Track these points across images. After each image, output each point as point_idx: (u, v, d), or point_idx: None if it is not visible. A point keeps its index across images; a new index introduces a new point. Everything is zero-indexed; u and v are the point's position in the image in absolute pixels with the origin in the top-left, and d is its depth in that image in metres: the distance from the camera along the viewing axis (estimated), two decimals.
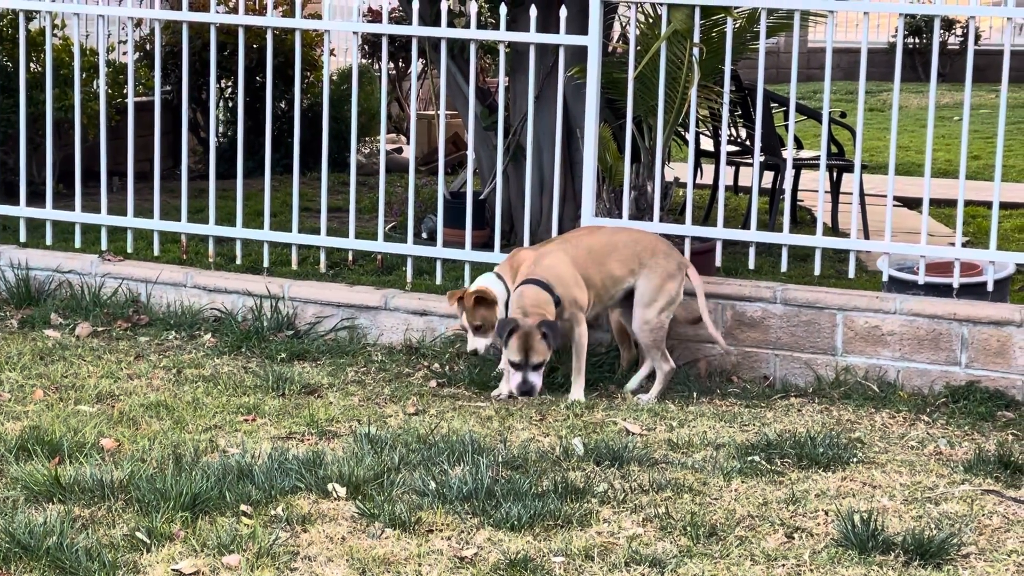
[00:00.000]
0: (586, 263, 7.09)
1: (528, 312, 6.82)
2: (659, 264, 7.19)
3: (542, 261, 6.99)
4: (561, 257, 7.03)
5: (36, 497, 5.51)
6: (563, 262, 7.01)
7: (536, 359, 6.82)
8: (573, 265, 7.02)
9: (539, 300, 6.86)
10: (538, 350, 6.81)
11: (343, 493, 5.62)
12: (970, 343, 7.29)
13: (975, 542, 5.38)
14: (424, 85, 15.60)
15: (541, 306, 6.84)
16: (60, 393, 6.95)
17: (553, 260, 7.01)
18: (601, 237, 7.29)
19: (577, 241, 7.23)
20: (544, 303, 6.86)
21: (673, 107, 8.06)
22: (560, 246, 7.17)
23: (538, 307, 6.84)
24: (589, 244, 7.19)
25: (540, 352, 6.81)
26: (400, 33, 8.65)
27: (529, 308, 6.83)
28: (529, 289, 6.89)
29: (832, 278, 8.62)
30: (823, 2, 7.88)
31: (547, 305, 6.86)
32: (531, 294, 6.88)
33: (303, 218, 8.87)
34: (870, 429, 6.80)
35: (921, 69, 22.33)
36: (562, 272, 6.98)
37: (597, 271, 7.10)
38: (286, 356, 7.70)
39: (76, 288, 8.56)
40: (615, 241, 7.24)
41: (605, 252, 7.16)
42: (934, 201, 9.03)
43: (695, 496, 5.77)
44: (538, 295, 6.87)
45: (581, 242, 7.21)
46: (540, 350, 6.81)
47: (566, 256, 7.05)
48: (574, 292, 6.98)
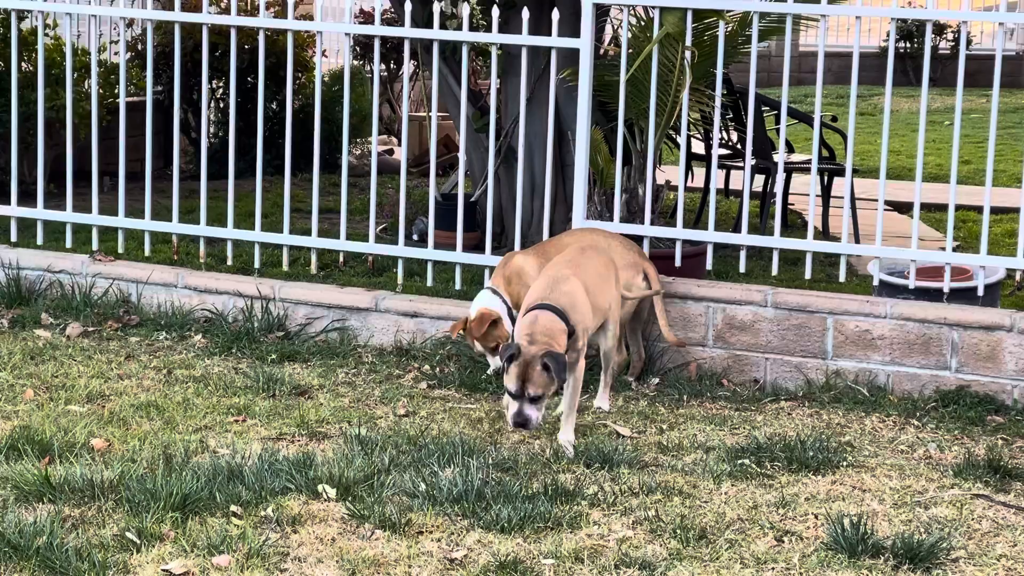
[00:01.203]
0: (594, 290, 6.68)
1: (535, 340, 6.18)
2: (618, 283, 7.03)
3: (560, 286, 6.45)
4: (577, 283, 6.50)
5: (26, 497, 5.51)
6: (579, 288, 6.50)
7: (533, 391, 6.12)
8: (587, 291, 6.56)
9: (552, 329, 6.24)
10: (536, 382, 6.11)
11: (333, 494, 5.62)
12: (960, 347, 7.30)
13: (964, 546, 5.39)
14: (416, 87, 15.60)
15: (552, 335, 6.22)
16: (50, 393, 6.94)
17: (571, 286, 6.46)
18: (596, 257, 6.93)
19: (584, 263, 6.79)
20: (557, 333, 6.24)
21: (665, 110, 8.07)
22: (573, 270, 6.65)
23: (548, 336, 6.21)
24: (597, 269, 6.79)
25: (539, 384, 6.12)
26: (392, 35, 8.65)
27: (538, 336, 6.20)
28: (544, 316, 6.28)
29: (823, 282, 8.64)
30: (815, 6, 7.90)
31: (559, 335, 6.24)
32: (545, 321, 6.26)
33: (294, 219, 8.86)
34: (860, 433, 6.81)
35: (912, 73, 22.35)
36: (579, 300, 6.46)
37: (601, 297, 6.73)
38: (277, 357, 7.69)
39: (67, 288, 8.55)
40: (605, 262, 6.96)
41: (607, 274, 6.88)
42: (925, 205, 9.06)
43: (685, 499, 5.78)
44: (552, 324, 6.25)
45: (589, 265, 6.76)
46: (539, 382, 6.11)
47: (580, 281, 6.54)
48: (588, 320, 6.51)
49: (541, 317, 6.28)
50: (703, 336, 7.66)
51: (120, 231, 8.85)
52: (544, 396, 6.17)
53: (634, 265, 7.45)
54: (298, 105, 12.67)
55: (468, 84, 8.51)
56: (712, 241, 8.02)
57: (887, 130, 7.79)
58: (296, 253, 9.01)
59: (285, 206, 8.55)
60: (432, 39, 8.36)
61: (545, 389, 6.15)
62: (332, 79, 13.96)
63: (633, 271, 7.42)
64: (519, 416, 6.16)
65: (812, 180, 8.11)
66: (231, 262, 8.70)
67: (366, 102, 13.83)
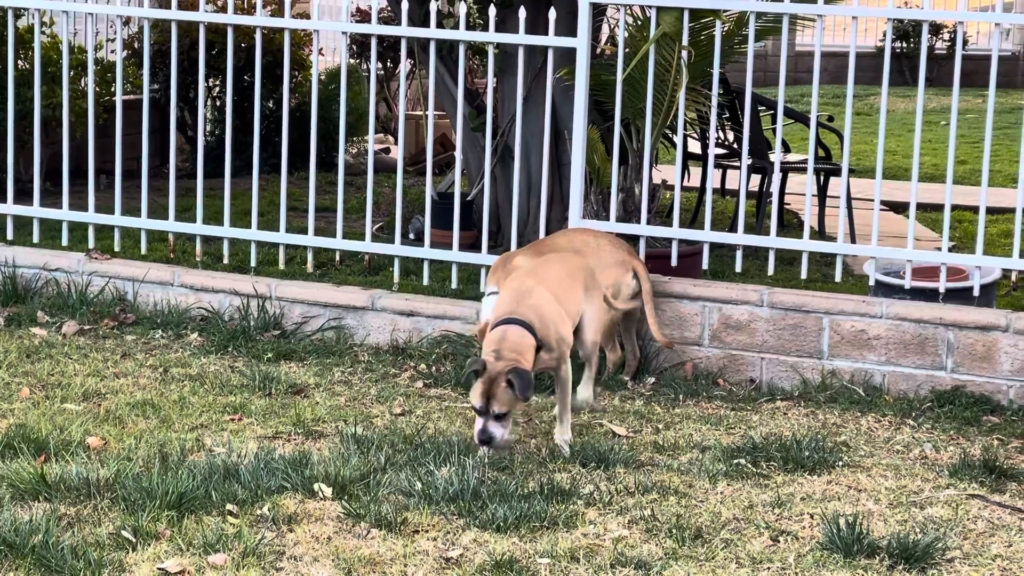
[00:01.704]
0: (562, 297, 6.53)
1: (502, 356, 6.04)
2: (599, 287, 6.89)
3: (526, 300, 6.32)
4: (544, 294, 6.38)
5: (22, 495, 5.51)
6: (547, 299, 6.37)
7: (498, 408, 5.98)
8: (557, 300, 6.43)
9: (520, 346, 6.11)
10: (501, 399, 5.96)
11: (329, 493, 5.62)
12: (956, 347, 7.31)
13: (960, 546, 5.39)
14: (412, 85, 15.59)
15: (519, 351, 6.08)
16: (46, 391, 6.94)
17: (537, 298, 6.34)
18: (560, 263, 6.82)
19: (546, 271, 6.65)
20: (525, 348, 6.10)
21: (661, 109, 8.08)
22: (537, 280, 6.52)
23: (516, 352, 6.07)
24: (560, 275, 6.64)
25: (503, 402, 5.97)
26: (389, 33, 8.65)
27: (504, 352, 6.06)
28: (513, 331, 6.16)
29: (819, 282, 8.64)
30: (811, 6, 7.90)
31: (527, 351, 6.11)
32: (513, 337, 6.13)
33: (291, 218, 8.86)
34: (856, 433, 6.81)
35: (908, 73, 22.35)
36: (547, 311, 6.32)
37: (569, 305, 6.57)
38: (273, 356, 7.69)
39: (63, 286, 8.54)
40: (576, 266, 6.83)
41: (573, 280, 6.70)
42: (921, 205, 9.06)
43: (681, 498, 5.78)
44: (521, 339, 6.13)
45: (552, 273, 6.63)
46: (503, 400, 5.96)
47: (548, 292, 6.42)
48: (560, 330, 6.36)
49: (509, 332, 6.15)
50: (699, 336, 7.67)
51: (116, 229, 8.85)
52: (510, 413, 6.04)
53: (623, 263, 7.44)
54: (295, 103, 12.67)
55: (465, 83, 8.52)
56: (708, 241, 8.02)
57: (883, 130, 7.79)
58: (292, 251, 9.01)
59: (281, 204, 8.55)
60: (429, 38, 8.36)
61: (510, 406, 6.00)
62: (329, 78, 13.95)
63: (622, 269, 7.42)
64: (483, 433, 6.01)
65: (808, 180, 8.12)
66: (227, 260, 8.70)
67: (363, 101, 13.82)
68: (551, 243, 7.55)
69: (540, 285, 6.44)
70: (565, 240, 7.56)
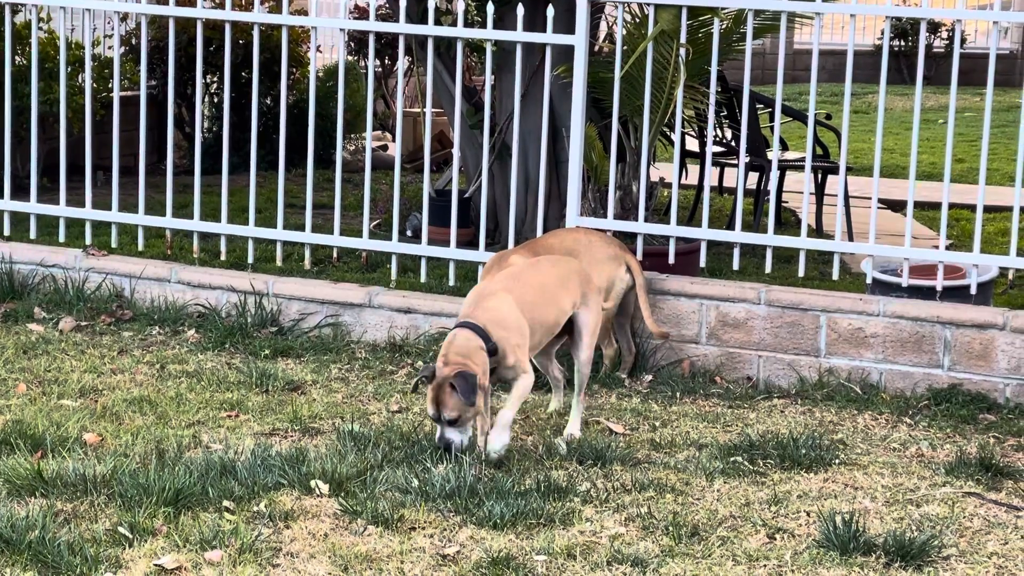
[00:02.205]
0: (535, 303, 6.34)
1: (449, 360, 5.94)
2: (596, 291, 6.69)
3: (483, 303, 6.22)
4: (505, 299, 6.22)
5: (18, 491, 5.50)
6: (507, 304, 6.21)
7: (448, 414, 5.91)
8: (519, 306, 6.23)
9: (466, 349, 5.99)
10: (449, 404, 5.89)
11: (326, 490, 5.62)
12: (953, 346, 7.31)
13: (956, 544, 5.39)
14: (410, 83, 15.59)
15: (467, 355, 5.97)
16: (43, 387, 6.94)
17: (496, 302, 6.20)
18: (548, 269, 6.64)
19: (525, 277, 6.50)
20: (471, 352, 5.98)
21: (659, 107, 8.08)
22: (505, 284, 6.39)
23: (462, 355, 5.97)
24: (540, 281, 6.48)
25: (452, 407, 5.89)
26: (387, 31, 8.65)
27: (451, 356, 5.96)
28: (461, 334, 6.05)
29: (816, 280, 8.65)
30: (810, 4, 7.90)
31: (475, 354, 5.99)
32: (460, 341, 6.02)
33: (288, 214, 8.86)
34: (852, 431, 6.82)
35: (906, 72, 22.37)
36: (505, 315, 6.16)
37: (546, 310, 6.40)
38: (270, 352, 7.69)
39: (60, 282, 8.54)
40: (561, 272, 6.61)
41: (555, 286, 6.49)
42: (918, 204, 9.05)
43: (677, 496, 5.78)
44: (468, 343, 6.01)
45: (531, 279, 6.46)
46: (452, 405, 5.88)
47: (510, 296, 6.25)
48: (518, 337, 6.16)
49: (458, 336, 6.05)
50: (696, 333, 7.67)
51: (113, 226, 8.85)
52: (462, 418, 5.92)
53: (615, 258, 7.46)
54: (292, 100, 12.67)
55: (463, 80, 8.52)
56: (706, 238, 8.02)
57: (881, 128, 7.79)
58: (290, 248, 9.01)
59: (279, 201, 8.55)
60: (427, 35, 8.36)
61: (460, 411, 5.90)
62: (326, 74, 13.96)
63: (615, 263, 7.44)
64: (441, 440, 5.96)
65: (806, 178, 8.12)
66: (225, 257, 8.70)
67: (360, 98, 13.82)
68: (543, 243, 7.56)
69: (506, 290, 6.27)
70: (557, 240, 7.58)
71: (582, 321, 6.54)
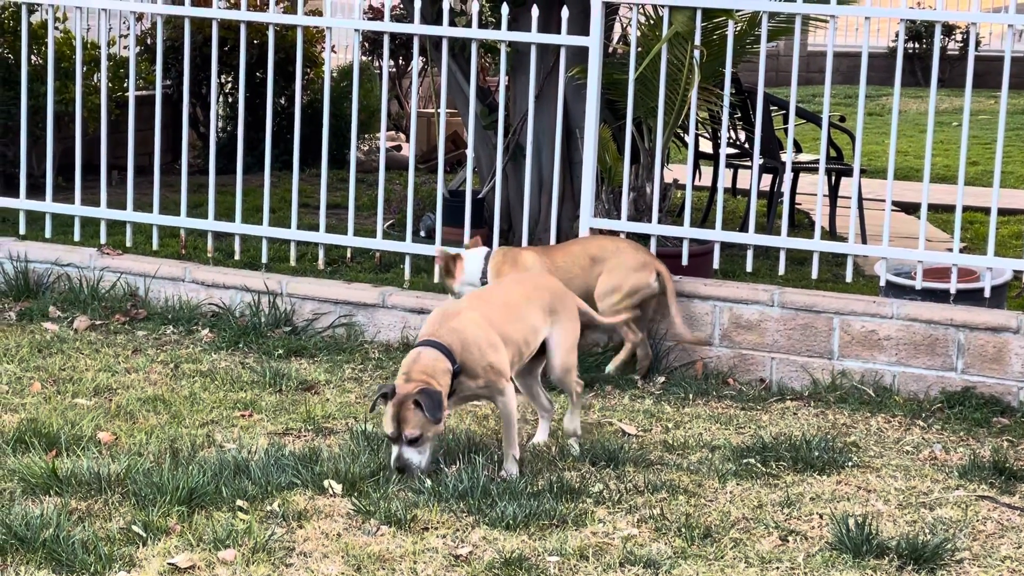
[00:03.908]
0: (502, 320, 6.10)
1: (411, 378, 5.74)
2: (570, 307, 6.41)
3: (448, 322, 5.96)
4: (472, 317, 5.99)
5: (33, 489, 5.52)
6: (474, 323, 5.97)
7: (409, 432, 5.70)
8: (488, 324, 6.01)
9: (432, 368, 5.78)
10: (411, 422, 5.68)
11: (339, 490, 5.63)
12: (966, 349, 7.30)
13: (969, 547, 5.39)
14: (424, 83, 15.61)
15: (432, 374, 5.76)
16: (58, 386, 6.96)
17: (462, 321, 5.96)
18: (514, 287, 6.44)
19: (495, 295, 6.32)
20: (438, 372, 5.77)
21: (673, 109, 8.08)
22: (472, 302, 6.20)
23: (426, 374, 5.76)
24: (505, 298, 6.24)
25: (414, 424, 5.68)
26: (401, 31, 8.65)
27: (415, 374, 5.75)
28: (426, 353, 5.83)
29: (829, 282, 8.64)
30: (824, 7, 7.90)
31: (439, 375, 5.77)
32: (425, 359, 5.80)
33: (302, 214, 8.87)
34: (865, 433, 6.81)
35: (920, 74, 22.33)
36: (470, 335, 5.92)
37: (513, 327, 6.12)
38: (283, 352, 7.70)
39: (75, 281, 8.56)
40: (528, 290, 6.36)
41: (523, 304, 6.24)
42: (932, 206, 9.05)
43: (690, 498, 5.78)
44: (434, 363, 5.79)
45: (501, 297, 6.27)
46: (414, 422, 5.67)
47: (476, 314, 6.03)
48: (489, 356, 5.92)
49: (423, 354, 5.83)
50: (709, 335, 7.67)
51: (128, 225, 8.87)
52: (423, 437, 5.73)
53: (646, 265, 7.50)
54: (307, 100, 12.68)
55: (477, 81, 8.53)
56: (719, 240, 8.02)
57: (895, 131, 7.79)
58: (304, 248, 9.02)
59: (293, 201, 8.56)
60: (441, 36, 8.37)
61: (423, 430, 5.70)
62: (341, 75, 13.97)
63: (646, 271, 7.49)
64: (398, 461, 5.76)
65: (820, 180, 8.11)
66: (239, 257, 8.71)
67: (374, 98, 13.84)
68: (567, 249, 7.60)
69: (472, 309, 6.07)
70: (579, 247, 7.62)
71: (552, 341, 6.26)
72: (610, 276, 7.48)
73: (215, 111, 8.85)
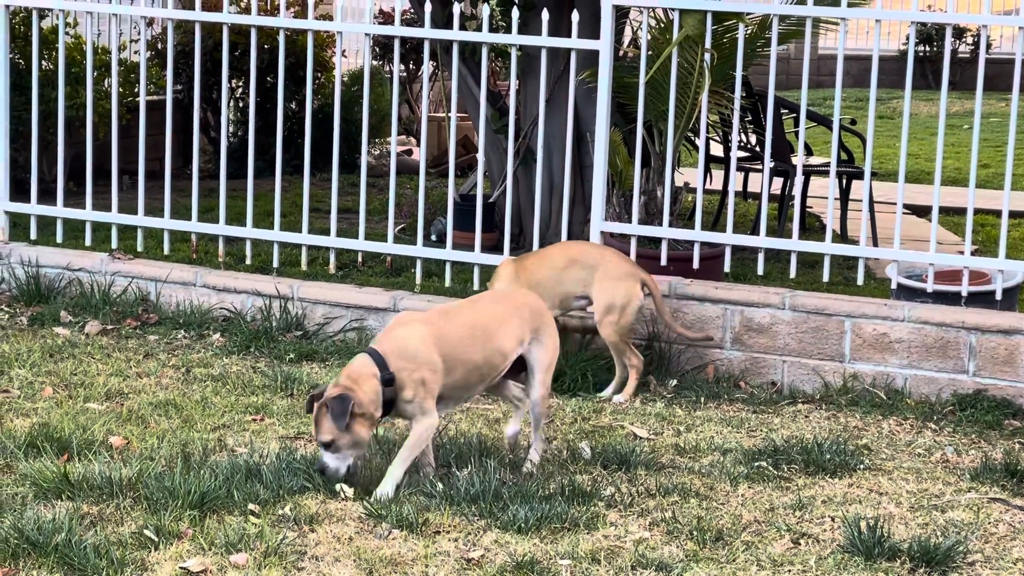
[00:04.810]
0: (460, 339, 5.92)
1: (339, 383, 5.69)
2: (550, 325, 6.22)
3: (394, 330, 5.90)
4: (419, 330, 5.85)
5: (45, 494, 5.53)
6: (420, 336, 5.82)
7: (323, 437, 5.63)
8: (436, 340, 5.83)
9: (358, 374, 5.69)
10: (324, 427, 5.61)
11: (351, 493, 5.63)
12: (978, 351, 7.30)
13: (981, 550, 5.38)
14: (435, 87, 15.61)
15: (355, 380, 5.66)
16: (69, 391, 6.96)
17: (407, 332, 5.85)
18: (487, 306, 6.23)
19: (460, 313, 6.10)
20: (362, 378, 5.67)
21: (684, 112, 8.08)
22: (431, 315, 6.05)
23: (352, 380, 5.66)
24: (473, 319, 6.05)
25: (325, 430, 5.61)
26: (412, 35, 8.66)
27: (343, 379, 5.70)
28: (359, 359, 5.78)
29: (841, 285, 8.63)
30: (835, 9, 7.89)
31: (364, 381, 5.66)
32: (356, 365, 5.75)
33: (313, 219, 8.88)
34: (877, 436, 6.81)
35: (931, 77, 22.32)
36: (412, 347, 5.79)
37: (472, 348, 5.94)
38: (295, 356, 7.71)
39: (86, 286, 8.57)
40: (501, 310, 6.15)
41: (492, 325, 6.03)
42: (943, 209, 9.03)
43: (702, 501, 5.78)
44: (362, 368, 5.71)
45: (466, 316, 6.06)
46: (325, 428, 5.61)
47: (424, 328, 5.87)
48: (423, 372, 5.77)
49: (356, 360, 5.79)
50: (720, 338, 7.66)
51: (139, 230, 8.88)
52: (336, 443, 5.62)
53: (632, 275, 7.38)
54: (317, 105, 12.68)
55: (487, 85, 8.53)
56: (730, 243, 8.02)
57: (906, 133, 7.78)
58: (315, 253, 9.02)
59: (304, 206, 8.57)
60: (452, 40, 8.38)
61: (332, 435, 5.60)
62: (351, 79, 13.99)
63: (632, 281, 7.35)
64: (318, 463, 5.72)
65: (831, 183, 8.11)
66: (250, 261, 8.72)
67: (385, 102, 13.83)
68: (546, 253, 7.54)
69: (426, 323, 5.92)
70: (558, 251, 7.56)
71: (534, 358, 6.07)
72: (600, 291, 7.36)
73: (226, 116, 8.88)
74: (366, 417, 5.65)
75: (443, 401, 5.91)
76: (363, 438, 5.70)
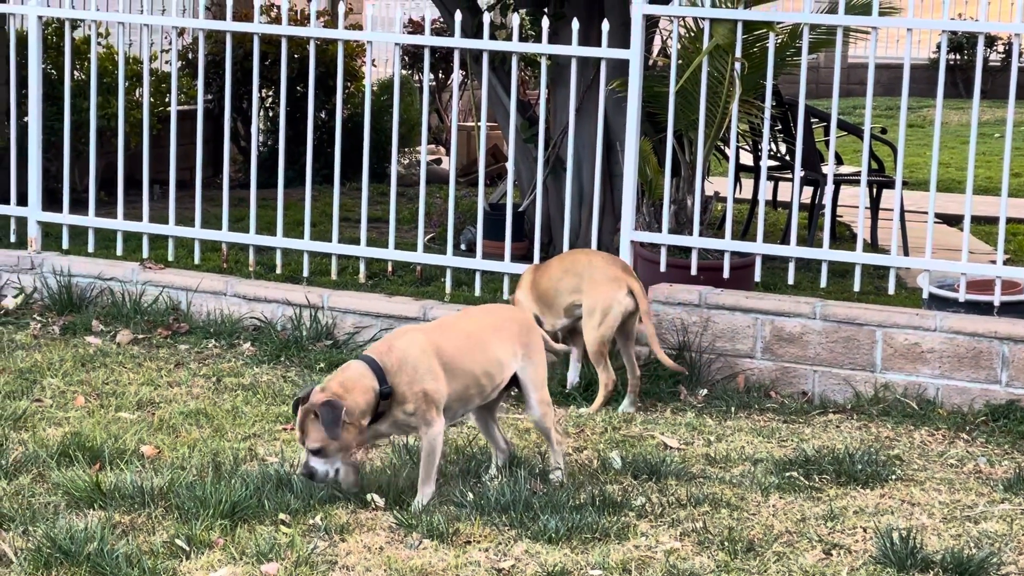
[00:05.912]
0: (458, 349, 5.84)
1: (328, 388, 5.57)
2: (537, 341, 6.13)
3: (393, 340, 5.77)
4: (419, 341, 5.75)
5: (77, 503, 5.54)
6: (420, 347, 5.71)
7: (309, 443, 5.53)
8: (436, 350, 5.74)
9: (352, 383, 5.59)
10: (310, 434, 5.51)
11: (381, 503, 5.63)
12: (1011, 361, 7.26)
13: (1015, 561, 5.36)
14: (464, 96, 15.63)
15: (349, 389, 5.56)
16: (101, 400, 6.98)
17: (406, 343, 5.73)
18: (481, 317, 6.19)
19: (458, 325, 6.05)
20: (357, 388, 5.57)
21: (714, 121, 8.07)
22: (430, 326, 6.07)
23: (344, 388, 5.56)
24: (468, 328, 5.99)
25: (313, 436, 5.51)
26: (441, 45, 8.68)
27: (334, 386, 5.58)
28: (355, 367, 5.67)
29: (872, 294, 8.61)
30: (866, 18, 7.88)
31: (358, 391, 5.56)
32: (349, 372, 5.65)
33: (343, 228, 8.89)
34: (909, 446, 6.78)
35: (962, 85, 22.25)
36: (411, 359, 5.68)
37: (471, 357, 5.86)
38: (325, 366, 7.71)
39: (117, 295, 8.60)
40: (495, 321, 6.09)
41: (487, 335, 5.97)
42: (975, 218, 9.00)
43: (733, 511, 5.76)
44: (358, 378, 5.61)
45: (462, 328, 5.99)
46: (313, 435, 5.51)
47: (424, 338, 5.78)
48: (427, 384, 5.67)
49: (350, 367, 5.69)
50: (751, 348, 7.65)
51: (170, 239, 8.91)
52: (323, 450, 5.52)
53: (616, 280, 7.22)
54: (347, 114, 12.72)
55: (517, 94, 8.53)
56: (760, 253, 8.00)
57: (937, 142, 7.76)
58: (345, 262, 9.04)
59: (334, 215, 8.58)
60: (482, 49, 8.38)
61: (321, 443, 5.51)
62: (381, 88, 14.01)
63: (615, 286, 7.20)
64: (304, 468, 5.60)
65: (861, 192, 8.09)
66: (280, 271, 8.74)
67: (415, 111, 13.88)
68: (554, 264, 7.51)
69: (422, 333, 5.85)
70: (558, 262, 7.53)
71: (526, 378, 5.99)
72: (586, 296, 7.26)
73: (256, 125, 8.89)
74: (355, 425, 5.58)
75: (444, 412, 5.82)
76: (351, 444, 5.61)
